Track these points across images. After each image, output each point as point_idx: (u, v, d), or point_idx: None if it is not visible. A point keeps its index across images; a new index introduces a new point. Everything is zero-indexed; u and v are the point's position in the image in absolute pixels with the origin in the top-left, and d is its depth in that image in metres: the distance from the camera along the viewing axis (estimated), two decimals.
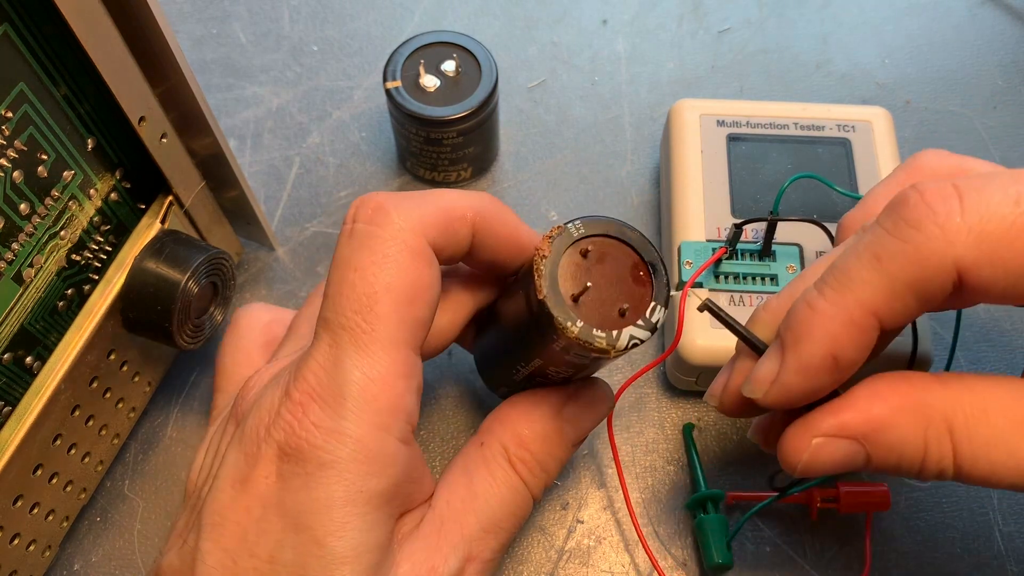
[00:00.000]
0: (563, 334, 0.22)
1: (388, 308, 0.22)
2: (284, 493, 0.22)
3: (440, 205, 0.24)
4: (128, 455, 0.34)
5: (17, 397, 0.27)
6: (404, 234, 0.23)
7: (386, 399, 0.22)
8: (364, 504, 0.22)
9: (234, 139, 0.41)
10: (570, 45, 0.44)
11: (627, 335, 0.22)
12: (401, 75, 0.37)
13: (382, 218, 0.23)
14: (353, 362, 0.22)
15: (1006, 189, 0.20)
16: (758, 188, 0.35)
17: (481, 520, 0.25)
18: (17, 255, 0.26)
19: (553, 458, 0.26)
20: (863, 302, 0.21)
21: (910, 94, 0.43)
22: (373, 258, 0.22)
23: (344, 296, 0.22)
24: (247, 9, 0.45)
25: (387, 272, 0.22)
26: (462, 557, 0.24)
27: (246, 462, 0.23)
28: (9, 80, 0.23)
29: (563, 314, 0.22)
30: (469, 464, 0.26)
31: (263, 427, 0.23)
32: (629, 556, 0.32)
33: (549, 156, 0.41)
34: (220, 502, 0.23)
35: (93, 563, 0.32)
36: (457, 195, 0.24)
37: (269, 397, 0.23)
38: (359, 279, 0.22)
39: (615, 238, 0.23)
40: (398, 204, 0.23)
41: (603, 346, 0.22)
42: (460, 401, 0.35)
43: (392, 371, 0.22)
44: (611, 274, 0.23)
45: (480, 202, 0.24)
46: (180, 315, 0.29)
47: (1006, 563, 0.32)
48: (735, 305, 0.32)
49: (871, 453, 0.22)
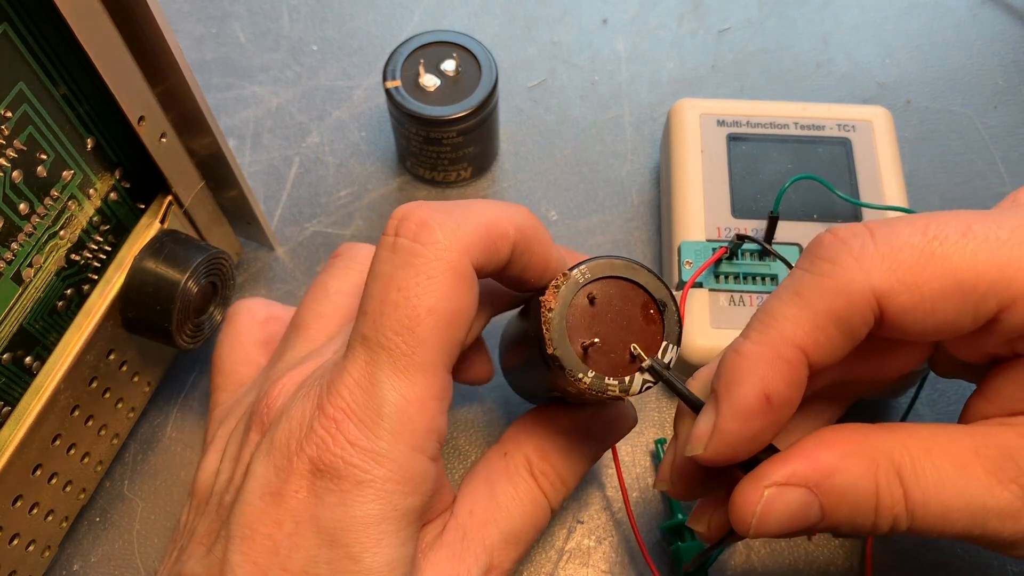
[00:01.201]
0: (576, 385, 0.22)
1: (429, 331, 0.22)
2: (318, 509, 0.22)
3: (483, 222, 0.23)
4: (128, 455, 0.34)
5: (16, 397, 0.27)
6: (449, 254, 0.22)
7: (421, 421, 0.22)
8: (398, 521, 0.22)
9: (234, 139, 0.41)
10: (570, 45, 0.44)
11: (640, 380, 0.22)
12: (401, 75, 0.37)
13: (427, 236, 0.22)
14: (392, 383, 0.22)
15: (914, 223, 0.21)
16: (758, 188, 0.35)
17: (503, 531, 0.25)
18: (16, 255, 0.26)
19: (574, 473, 0.27)
20: (787, 337, 0.21)
21: (911, 94, 0.43)
22: (418, 279, 0.22)
23: (386, 316, 0.22)
24: (247, 9, 0.45)
25: (431, 295, 0.22)
26: (484, 567, 0.25)
27: (276, 475, 0.23)
28: (9, 80, 0.23)
29: (574, 366, 0.22)
30: (492, 475, 0.26)
31: (295, 440, 0.23)
32: (629, 556, 0.32)
33: (549, 156, 0.41)
34: (250, 515, 0.23)
35: (92, 563, 0.32)
36: (500, 210, 0.24)
37: (299, 409, 0.23)
38: (403, 300, 0.22)
39: (623, 279, 0.23)
40: (443, 222, 0.22)
41: (616, 393, 0.22)
42: (476, 406, 0.35)
43: (429, 394, 0.22)
44: (620, 316, 0.22)
45: (522, 219, 0.24)
46: (179, 315, 0.29)
47: (1006, 563, 0.32)
48: (735, 305, 0.32)
49: (824, 504, 0.22)
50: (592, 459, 0.27)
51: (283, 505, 0.22)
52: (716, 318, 0.32)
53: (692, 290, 0.32)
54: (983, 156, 0.41)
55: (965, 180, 0.40)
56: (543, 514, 0.26)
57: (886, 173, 0.35)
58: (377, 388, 0.22)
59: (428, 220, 0.22)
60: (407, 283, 0.22)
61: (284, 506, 0.22)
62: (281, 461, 0.23)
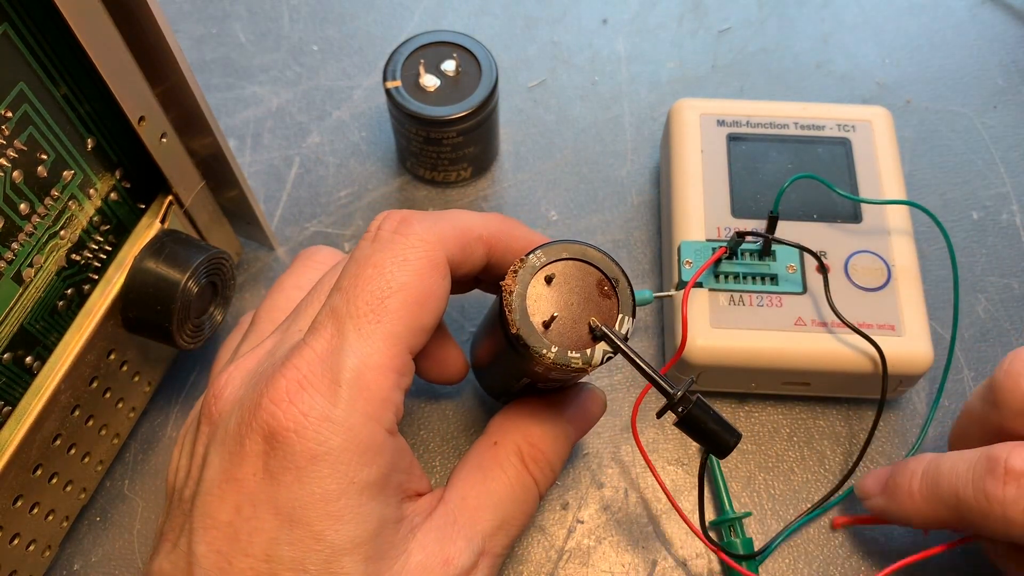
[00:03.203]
0: (541, 361, 0.23)
1: (398, 305, 0.23)
2: (275, 489, 0.22)
3: (457, 224, 0.25)
4: (128, 455, 0.34)
5: (17, 397, 0.27)
6: (425, 244, 0.24)
7: (379, 389, 0.23)
8: (358, 495, 0.22)
9: (234, 139, 0.41)
10: (570, 45, 0.44)
11: (600, 351, 0.23)
12: (401, 75, 0.37)
13: (406, 228, 0.24)
14: (353, 348, 0.23)
15: None
16: (758, 188, 0.35)
17: (495, 517, 0.26)
18: (17, 255, 0.26)
19: (560, 458, 0.28)
20: None
21: (910, 94, 0.43)
22: (394, 259, 0.24)
23: (359, 288, 0.23)
24: (247, 9, 0.45)
25: (404, 272, 0.23)
26: (476, 551, 0.25)
27: (231, 460, 0.23)
28: (9, 80, 0.23)
29: (537, 343, 0.23)
30: (483, 462, 0.27)
31: (245, 427, 0.23)
32: (629, 556, 0.32)
33: (549, 156, 0.41)
34: (209, 503, 0.23)
35: (93, 563, 0.32)
36: (472, 216, 0.26)
37: (249, 399, 0.23)
38: (376, 274, 0.23)
39: (576, 259, 0.24)
40: (421, 218, 0.24)
41: (580, 365, 0.23)
42: (460, 401, 0.35)
43: (388, 363, 0.23)
44: (578, 294, 0.24)
45: (494, 223, 0.26)
46: (180, 315, 0.29)
47: None
48: (735, 305, 0.32)
49: None
50: (573, 443, 0.28)
51: (240, 490, 0.22)
52: (716, 318, 0.32)
53: (692, 290, 0.32)
54: (983, 156, 0.41)
55: (965, 180, 0.40)
56: (533, 499, 0.27)
57: (886, 173, 0.35)
58: (338, 355, 0.22)
59: (408, 217, 0.24)
60: (383, 260, 0.24)
61: (241, 491, 0.22)
62: (234, 447, 0.23)
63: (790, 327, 0.32)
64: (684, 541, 0.32)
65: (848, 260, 0.33)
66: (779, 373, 0.33)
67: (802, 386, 0.34)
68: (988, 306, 0.37)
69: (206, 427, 0.25)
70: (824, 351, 0.32)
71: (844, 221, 0.34)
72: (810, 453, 0.34)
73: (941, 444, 0.34)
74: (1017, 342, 0.36)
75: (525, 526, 0.27)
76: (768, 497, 0.33)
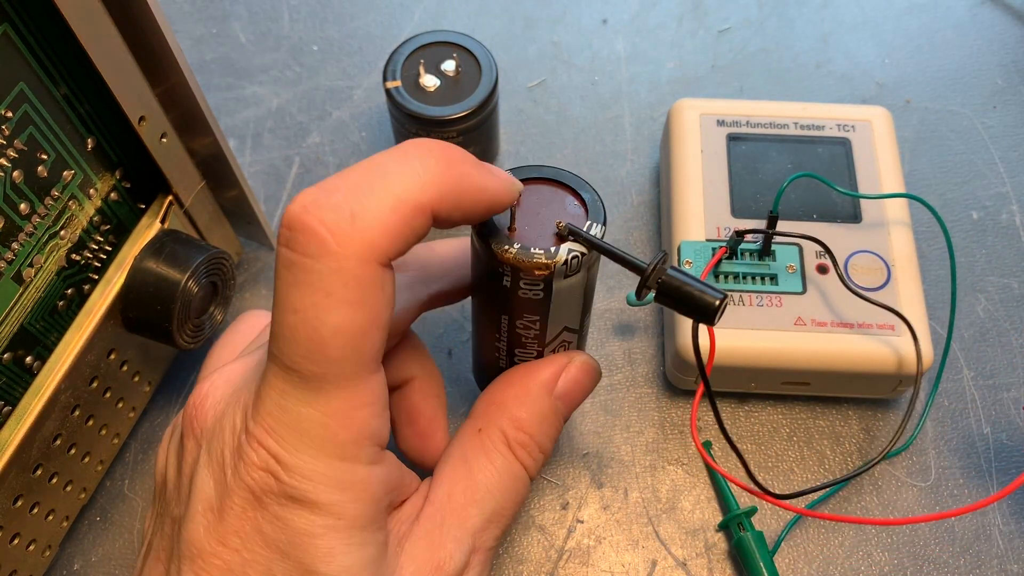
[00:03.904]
0: (503, 258, 0.22)
1: (338, 351, 0.20)
2: (260, 523, 0.21)
3: (387, 204, 0.19)
4: (128, 455, 0.34)
5: (17, 397, 0.27)
6: (347, 263, 0.19)
7: (347, 433, 0.21)
8: (346, 530, 0.21)
9: (234, 139, 0.41)
10: (570, 45, 0.44)
11: (565, 249, 0.23)
12: (401, 75, 0.37)
13: (317, 247, 0.19)
14: (307, 401, 0.21)
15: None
16: (758, 188, 0.35)
17: (484, 511, 0.24)
18: (17, 255, 0.26)
19: (549, 438, 0.26)
20: None
21: (910, 94, 0.43)
22: (314, 299, 0.19)
23: (287, 340, 0.20)
24: (247, 9, 0.45)
25: (332, 315, 0.19)
26: (467, 550, 0.24)
27: (216, 489, 0.22)
28: (9, 80, 0.23)
29: (499, 240, 0.22)
30: (467, 453, 0.25)
31: (228, 452, 0.22)
32: (629, 556, 0.32)
33: (549, 156, 0.41)
34: (195, 532, 0.22)
35: (93, 563, 0.32)
36: (411, 175, 0.20)
37: (231, 418, 0.22)
38: (300, 323, 0.20)
39: (549, 180, 0.24)
40: (335, 224, 0.19)
41: (543, 261, 0.22)
42: (460, 400, 0.35)
43: (350, 405, 0.21)
44: (549, 209, 0.23)
45: (440, 182, 0.20)
46: (180, 315, 0.29)
47: (1006, 563, 0.32)
48: (735, 305, 0.32)
49: None
50: (564, 420, 0.27)
51: (226, 522, 0.22)
52: None
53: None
54: (983, 156, 0.41)
55: (965, 180, 0.40)
56: (523, 487, 0.25)
57: (886, 173, 0.35)
58: (293, 407, 0.21)
59: (316, 228, 0.19)
60: (303, 303, 0.19)
61: (227, 523, 0.22)
62: (219, 474, 0.22)
63: (790, 327, 0.32)
64: (684, 541, 0.32)
65: (848, 260, 0.33)
66: (779, 373, 0.33)
67: (802, 386, 0.34)
68: (988, 306, 0.37)
69: (190, 440, 0.24)
70: (824, 351, 0.32)
71: (844, 221, 0.34)
72: (810, 453, 0.34)
73: (941, 444, 0.34)
74: (1017, 342, 0.36)
75: (516, 514, 0.26)
76: None
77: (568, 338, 0.27)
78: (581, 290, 0.24)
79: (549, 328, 0.26)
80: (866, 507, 0.33)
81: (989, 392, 0.35)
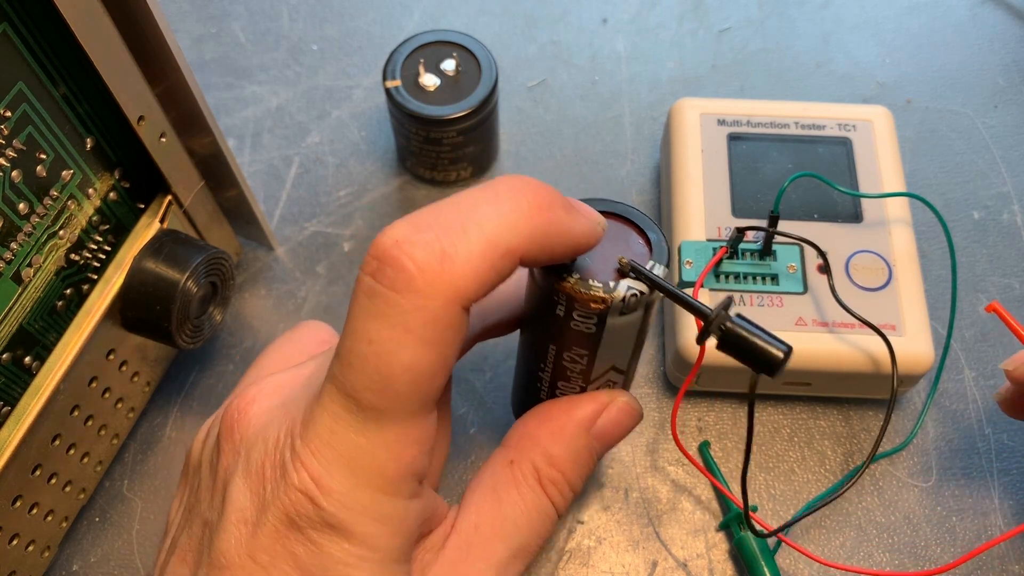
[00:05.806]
0: (560, 287, 0.22)
1: (405, 387, 0.20)
2: (295, 545, 0.21)
3: (477, 249, 0.19)
4: (127, 455, 0.34)
5: (16, 397, 0.27)
6: (432, 303, 0.19)
7: (395, 468, 0.21)
8: (380, 563, 0.21)
9: (233, 138, 0.41)
10: (570, 44, 0.44)
11: (625, 285, 0.22)
12: (401, 74, 0.37)
13: (404, 284, 0.19)
14: (359, 430, 0.21)
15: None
16: (759, 187, 0.35)
17: (511, 546, 0.24)
18: (16, 255, 0.26)
19: (581, 478, 0.26)
20: None
21: (911, 93, 0.43)
22: (392, 333, 0.19)
23: (356, 369, 0.20)
24: (246, 8, 0.45)
25: (407, 352, 0.19)
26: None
27: (252, 501, 0.22)
28: (8, 79, 0.23)
29: (558, 269, 0.22)
30: (498, 484, 0.25)
31: (270, 466, 0.22)
32: (629, 556, 0.32)
33: (549, 156, 0.41)
34: (227, 543, 0.22)
35: (92, 563, 0.32)
36: (503, 219, 0.20)
37: (275, 431, 0.22)
38: (373, 354, 0.20)
39: (616, 215, 0.23)
40: (425, 262, 0.19)
41: (601, 295, 0.22)
42: (460, 401, 0.35)
43: (402, 442, 0.21)
44: (612, 245, 0.23)
45: (530, 225, 0.20)
46: (179, 315, 0.29)
47: (1006, 563, 0.32)
48: (735, 305, 0.32)
49: None
50: (597, 459, 0.26)
51: (259, 538, 0.21)
52: None
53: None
54: (983, 156, 0.41)
55: (966, 180, 0.40)
56: (551, 524, 0.25)
57: (886, 172, 0.35)
58: (344, 433, 0.21)
59: (405, 264, 0.19)
60: (380, 335, 0.19)
61: (260, 540, 0.21)
62: (256, 487, 0.22)
63: (791, 327, 0.32)
64: (684, 541, 0.32)
65: (849, 260, 0.33)
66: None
67: (802, 386, 0.34)
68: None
69: (228, 444, 0.23)
70: (825, 351, 0.32)
71: (845, 221, 0.34)
72: (810, 453, 0.34)
73: (942, 445, 0.34)
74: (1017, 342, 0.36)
75: (541, 549, 0.25)
76: (768, 497, 0.33)
77: (614, 378, 0.26)
78: (635, 331, 0.24)
79: (596, 365, 0.25)
80: (867, 508, 0.33)
81: (990, 392, 0.35)
